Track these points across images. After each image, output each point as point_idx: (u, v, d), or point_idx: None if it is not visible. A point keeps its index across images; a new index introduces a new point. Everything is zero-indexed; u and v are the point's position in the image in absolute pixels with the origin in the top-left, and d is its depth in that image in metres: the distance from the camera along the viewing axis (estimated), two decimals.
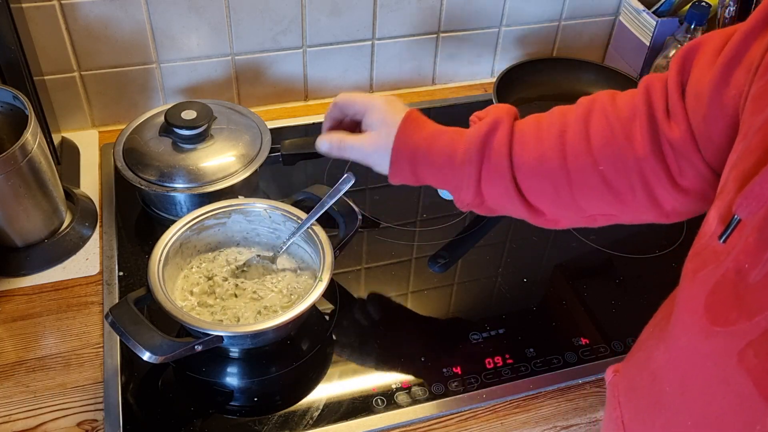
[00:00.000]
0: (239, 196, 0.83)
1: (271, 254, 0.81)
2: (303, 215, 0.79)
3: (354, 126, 0.76)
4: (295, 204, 0.82)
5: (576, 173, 0.63)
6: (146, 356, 0.65)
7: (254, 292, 0.78)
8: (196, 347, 0.67)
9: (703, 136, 0.55)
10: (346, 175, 0.76)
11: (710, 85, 0.52)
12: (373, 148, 0.71)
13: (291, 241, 0.79)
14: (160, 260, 0.73)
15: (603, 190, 0.62)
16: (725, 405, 0.46)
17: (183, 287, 0.78)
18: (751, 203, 0.42)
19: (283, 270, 0.81)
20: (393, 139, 0.69)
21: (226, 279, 0.79)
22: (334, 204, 0.79)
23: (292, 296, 0.78)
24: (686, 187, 0.59)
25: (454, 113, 1.16)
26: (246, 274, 0.80)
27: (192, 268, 0.80)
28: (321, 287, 0.72)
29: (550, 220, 0.68)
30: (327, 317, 0.82)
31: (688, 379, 0.50)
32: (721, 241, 0.44)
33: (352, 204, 0.82)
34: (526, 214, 0.68)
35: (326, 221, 0.79)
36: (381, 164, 0.71)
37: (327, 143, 0.75)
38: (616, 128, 0.61)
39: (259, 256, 0.81)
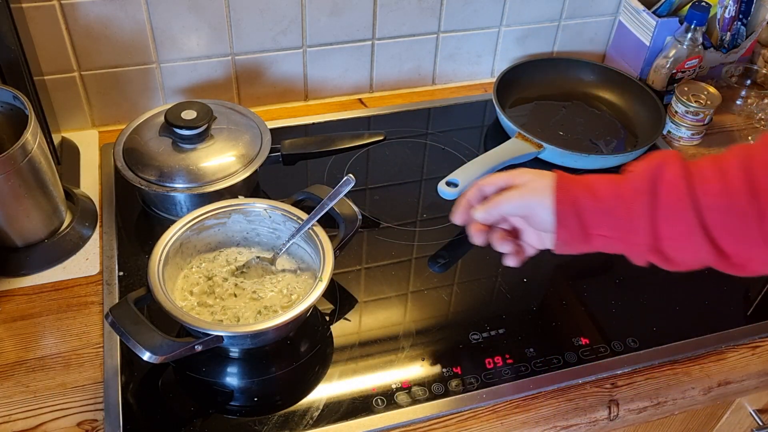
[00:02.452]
0: (239, 196, 0.83)
1: (270, 255, 0.81)
2: (303, 215, 0.79)
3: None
4: (295, 204, 0.82)
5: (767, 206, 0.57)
6: (146, 356, 0.65)
7: (254, 292, 0.78)
8: (196, 347, 0.67)
9: None
10: (346, 177, 0.76)
11: None
12: (532, 198, 0.65)
13: (290, 243, 0.79)
14: (160, 260, 0.73)
15: None
16: None
17: (183, 287, 0.78)
18: None
19: (283, 271, 0.81)
20: (551, 189, 0.64)
21: (225, 279, 0.79)
22: (334, 205, 0.79)
23: (292, 296, 0.78)
24: None
25: (454, 113, 1.16)
26: (246, 275, 0.80)
27: (192, 268, 0.80)
28: (321, 287, 0.72)
29: (737, 264, 0.61)
30: (327, 317, 0.82)
31: None
32: None
33: (352, 204, 0.82)
34: (711, 257, 0.61)
35: (326, 221, 0.79)
36: (542, 215, 0.65)
37: (482, 211, 0.68)
38: None
39: (258, 257, 0.81)
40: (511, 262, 0.71)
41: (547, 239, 0.69)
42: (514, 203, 0.67)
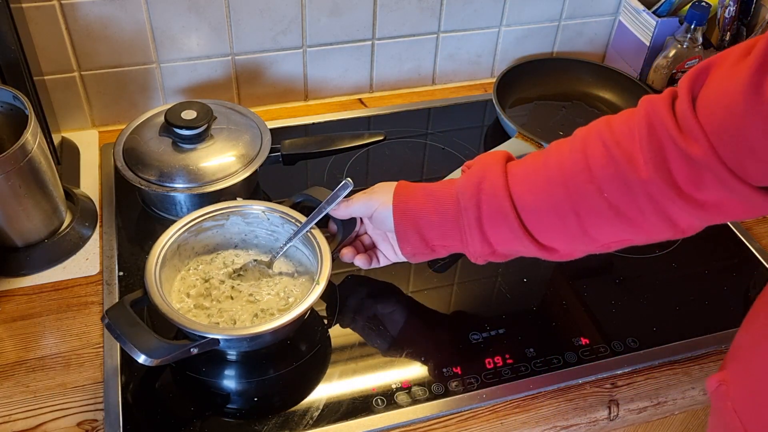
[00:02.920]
0: (237, 198, 0.83)
1: (268, 258, 0.81)
2: (301, 217, 0.79)
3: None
4: (294, 206, 0.82)
5: (582, 203, 0.62)
6: (141, 359, 0.65)
7: (250, 295, 0.77)
8: (191, 350, 0.67)
9: (733, 152, 0.53)
10: (344, 182, 0.76)
11: (741, 95, 0.50)
12: (375, 197, 0.74)
13: (287, 246, 0.79)
14: (157, 262, 0.73)
15: (612, 217, 0.61)
16: None
17: (180, 289, 0.78)
18: None
19: (280, 274, 0.81)
20: (391, 194, 0.72)
21: (222, 281, 0.79)
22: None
23: (289, 299, 0.78)
24: (703, 201, 0.57)
25: (454, 113, 1.16)
26: (242, 277, 0.80)
27: (189, 269, 0.80)
28: (318, 290, 0.72)
29: (564, 254, 0.67)
30: (326, 317, 0.82)
31: None
32: None
33: None
34: (538, 253, 0.67)
35: (324, 223, 0.79)
36: (383, 213, 0.73)
37: (336, 210, 0.78)
38: (615, 153, 0.59)
39: (255, 260, 0.81)
40: (359, 261, 0.79)
41: (398, 252, 0.76)
42: (360, 202, 0.75)
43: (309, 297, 0.71)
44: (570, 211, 0.63)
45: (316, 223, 0.78)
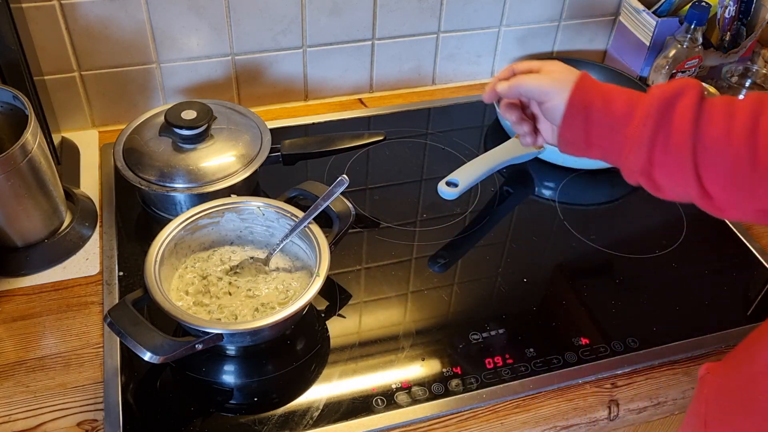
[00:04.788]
0: (231, 195, 0.83)
1: (264, 254, 0.82)
2: (297, 212, 0.79)
3: (521, 106, 0.75)
4: (288, 201, 0.82)
5: (763, 161, 0.57)
6: (147, 356, 0.65)
7: (249, 290, 0.78)
8: (196, 346, 0.68)
9: None
10: (340, 178, 0.77)
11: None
12: (550, 86, 0.67)
13: (284, 243, 0.79)
14: (155, 261, 0.74)
15: None
16: None
17: (178, 287, 0.78)
18: None
19: (277, 269, 0.81)
20: (570, 86, 0.66)
21: (220, 278, 0.79)
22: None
23: (288, 293, 0.78)
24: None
25: (454, 113, 1.16)
26: (239, 274, 0.80)
27: (186, 267, 0.80)
28: (318, 283, 0.72)
29: (717, 206, 0.62)
30: (326, 317, 0.82)
31: None
32: None
33: (345, 200, 0.82)
34: (695, 194, 0.62)
35: (320, 218, 0.79)
36: (555, 106, 0.67)
37: (505, 84, 0.71)
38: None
39: (252, 258, 0.81)
40: (524, 140, 0.75)
41: (556, 135, 0.70)
42: (533, 85, 0.68)
43: (310, 289, 0.71)
44: (748, 163, 0.58)
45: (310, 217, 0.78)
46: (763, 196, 0.59)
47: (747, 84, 1.21)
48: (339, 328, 0.81)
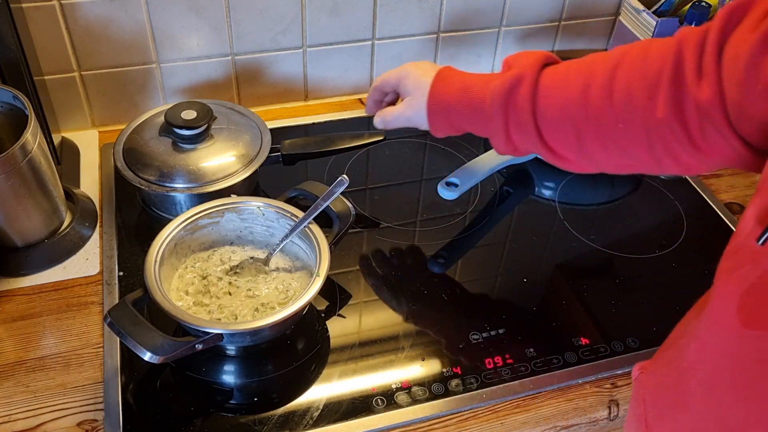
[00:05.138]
0: (231, 195, 0.83)
1: (264, 254, 0.82)
2: (297, 212, 0.79)
3: (397, 98, 0.84)
4: (288, 201, 0.82)
5: (596, 128, 0.63)
6: (147, 356, 0.65)
7: (248, 290, 0.78)
8: (196, 346, 0.68)
9: (735, 103, 0.52)
10: (340, 178, 0.77)
11: (748, 51, 0.48)
12: (411, 112, 0.78)
13: (284, 243, 0.79)
14: (155, 261, 0.74)
15: (622, 146, 0.63)
16: (751, 410, 0.45)
17: (178, 287, 0.78)
18: None
19: (277, 269, 0.81)
20: (425, 101, 0.75)
21: (220, 278, 0.79)
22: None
23: (288, 292, 0.78)
24: (707, 150, 0.57)
25: None
26: (239, 274, 0.80)
27: (186, 267, 0.80)
28: (319, 282, 0.72)
29: (576, 165, 0.70)
30: (326, 317, 0.82)
31: (716, 380, 0.49)
32: (759, 243, 0.42)
33: (345, 200, 0.82)
34: (553, 160, 0.70)
35: (319, 218, 0.79)
36: (423, 124, 0.78)
37: (379, 120, 0.83)
38: (640, 87, 0.59)
39: (252, 258, 0.81)
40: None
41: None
42: (402, 120, 0.80)
43: (311, 289, 0.71)
44: (584, 131, 0.65)
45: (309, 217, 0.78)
46: (606, 158, 0.66)
47: None
48: (339, 328, 0.81)
